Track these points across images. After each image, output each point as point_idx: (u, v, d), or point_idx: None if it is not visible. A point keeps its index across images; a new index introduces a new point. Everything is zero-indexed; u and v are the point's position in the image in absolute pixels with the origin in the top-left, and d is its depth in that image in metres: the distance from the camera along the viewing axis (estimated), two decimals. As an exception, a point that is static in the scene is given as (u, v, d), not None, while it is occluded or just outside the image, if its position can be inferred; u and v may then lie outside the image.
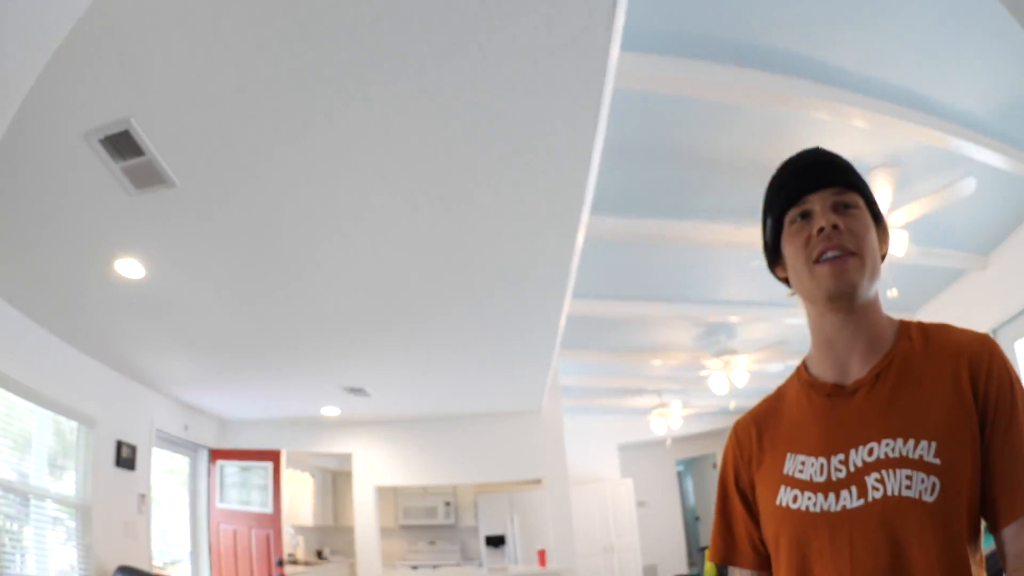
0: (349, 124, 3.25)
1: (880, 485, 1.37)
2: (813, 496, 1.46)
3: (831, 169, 1.60)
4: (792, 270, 1.60)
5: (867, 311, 1.55)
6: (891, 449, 1.39)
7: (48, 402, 6.18)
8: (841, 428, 1.50)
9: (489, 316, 5.80)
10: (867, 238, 1.52)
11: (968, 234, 7.34)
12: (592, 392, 12.59)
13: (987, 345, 1.46)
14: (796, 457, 1.55)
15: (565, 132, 3.35)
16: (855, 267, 1.48)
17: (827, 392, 1.56)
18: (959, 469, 1.35)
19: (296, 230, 4.25)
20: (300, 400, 8.92)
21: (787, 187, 1.61)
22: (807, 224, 1.54)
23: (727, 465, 1.77)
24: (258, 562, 9.10)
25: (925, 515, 1.33)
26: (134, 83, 2.97)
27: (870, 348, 1.54)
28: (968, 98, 5.03)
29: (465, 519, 13.47)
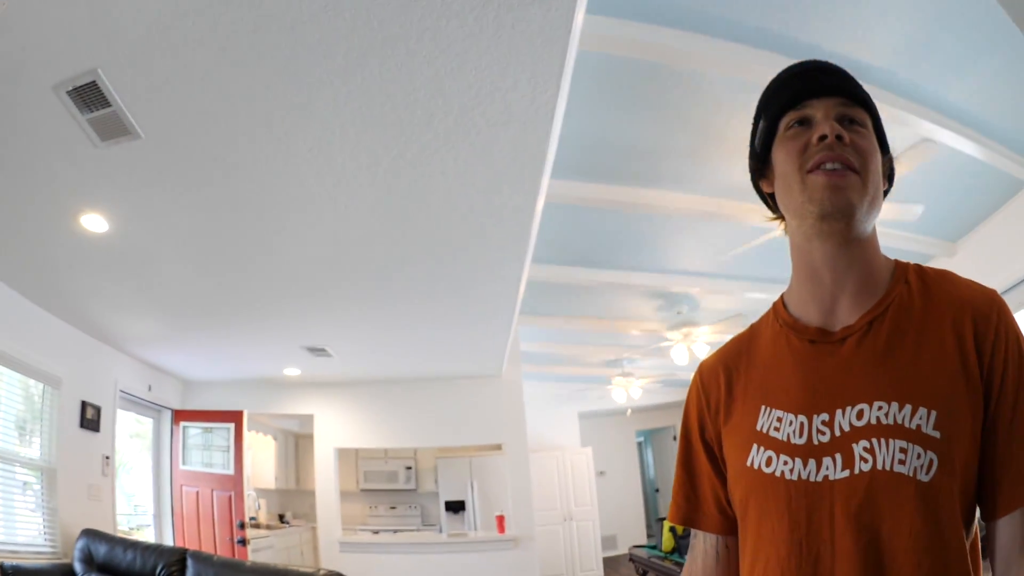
0: (310, 76, 3.27)
1: (869, 456, 1.22)
2: (790, 461, 1.30)
3: (840, 77, 1.41)
4: (781, 179, 1.41)
5: (863, 245, 1.37)
6: (884, 414, 1.23)
7: (12, 362, 6.17)
8: (826, 382, 1.33)
9: (450, 275, 5.81)
10: (872, 160, 1.35)
11: (937, 220, 7.33)
12: (553, 359, 12.62)
13: (995, 303, 1.29)
14: (772, 412, 1.38)
15: (527, 87, 3.36)
16: (855, 184, 1.30)
17: (810, 337, 1.39)
18: (959, 446, 1.20)
19: (258, 184, 4.26)
20: (263, 360, 8.91)
21: (788, 87, 1.43)
22: (806, 131, 1.36)
23: (691, 414, 1.58)
24: (220, 524, 9.11)
25: (918, 496, 1.18)
26: (102, 32, 2.98)
27: (862, 288, 1.37)
28: (941, 84, 5.04)
29: (425, 484, 13.52)
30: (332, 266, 5.59)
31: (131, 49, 3.09)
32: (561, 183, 5.51)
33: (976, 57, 4.77)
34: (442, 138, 3.78)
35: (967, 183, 6.59)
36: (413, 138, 3.77)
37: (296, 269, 5.66)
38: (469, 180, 4.22)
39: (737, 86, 4.91)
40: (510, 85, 3.36)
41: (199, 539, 9.05)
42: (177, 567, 6.00)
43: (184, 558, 6.07)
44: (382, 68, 3.21)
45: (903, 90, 5.01)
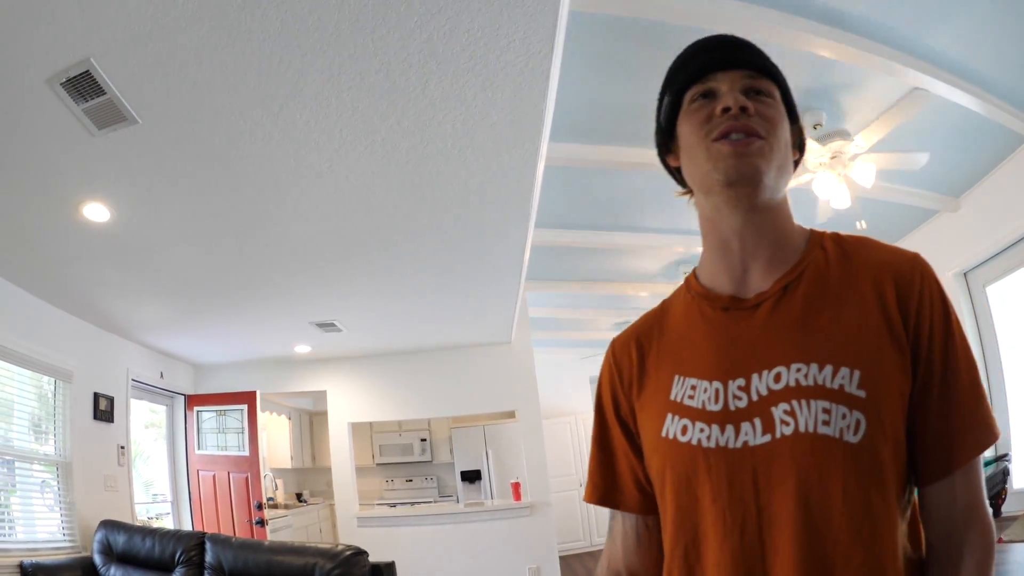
0: (302, 48, 3.25)
1: (790, 419, 1.19)
2: (706, 428, 1.27)
3: (746, 50, 1.41)
4: (686, 151, 1.39)
5: (773, 213, 1.36)
6: (803, 376, 1.20)
7: (22, 360, 6.20)
8: (741, 348, 1.30)
9: (454, 241, 5.80)
10: (779, 127, 1.34)
11: (940, 175, 7.30)
12: (562, 324, 12.60)
13: (917, 264, 1.29)
14: (685, 380, 1.35)
15: (520, 47, 3.35)
16: (761, 150, 1.29)
17: (723, 304, 1.37)
18: (887, 406, 1.18)
19: (256, 161, 4.24)
20: (272, 339, 8.92)
21: (693, 61, 1.41)
22: (710, 103, 1.35)
23: (603, 391, 1.56)
24: (238, 507, 9.15)
25: (848, 458, 1.15)
26: (92, 21, 2.97)
27: (775, 255, 1.36)
28: (942, 38, 5.00)
29: (441, 455, 13.61)
30: (335, 239, 5.58)
31: (122, 35, 3.08)
32: (562, 146, 5.48)
33: (977, 9, 4.74)
34: (438, 103, 3.76)
35: (968, 137, 6.56)
36: (409, 105, 3.75)
37: (300, 244, 5.65)
38: (468, 144, 4.20)
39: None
40: (504, 46, 3.34)
41: (218, 522, 9.11)
42: (196, 551, 6.03)
43: (203, 542, 6.09)
44: (374, 35, 3.19)
45: (902, 45, 4.99)
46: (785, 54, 4.99)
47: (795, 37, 4.65)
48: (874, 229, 7.89)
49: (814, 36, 4.64)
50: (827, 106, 5.80)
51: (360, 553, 5.35)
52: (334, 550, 5.37)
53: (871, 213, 7.49)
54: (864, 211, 7.10)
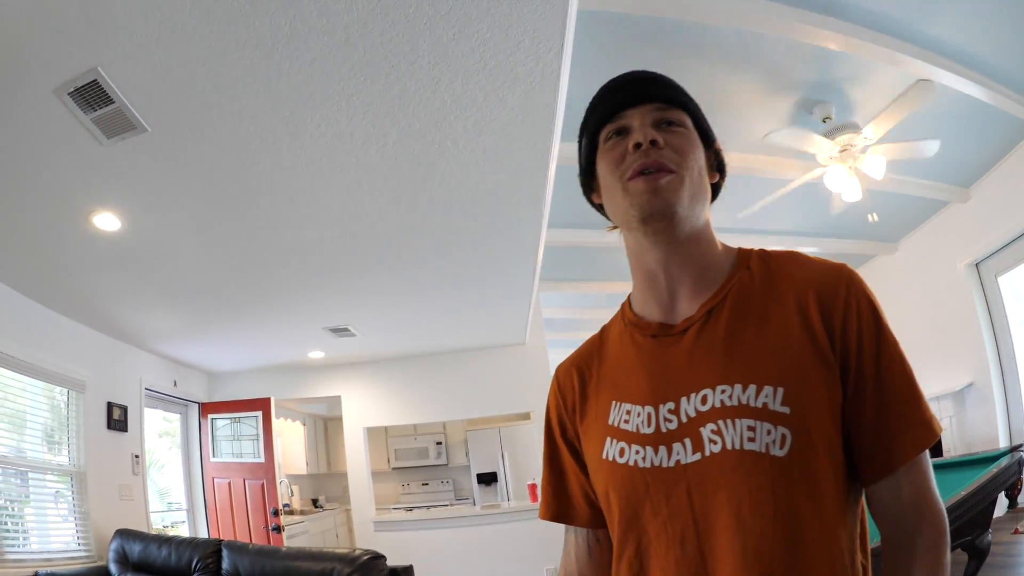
0: (312, 52, 3.24)
1: (717, 437, 1.25)
2: (641, 450, 1.34)
3: (654, 85, 1.45)
4: (605, 190, 1.46)
5: (695, 241, 1.41)
6: (728, 396, 1.26)
7: (35, 371, 6.22)
8: (669, 373, 1.36)
9: (467, 243, 5.78)
10: (691, 157, 1.38)
11: (950, 165, 7.29)
12: (576, 325, 12.57)
13: (842, 275, 1.32)
14: (621, 406, 1.42)
15: (530, 47, 3.33)
16: (672, 184, 1.33)
17: (652, 332, 1.43)
18: (813, 418, 1.23)
19: (265, 166, 4.24)
20: (286, 345, 8.92)
21: (604, 102, 1.46)
22: (623, 140, 1.40)
23: (551, 416, 1.64)
24: (253, 513, 9.16)
25: (776, 470, 1.20)
26: (99, 30, 2.97)
27: (700, 281, 1.41)
28: (952, 29, 4.99)
29: (456, 458, 13.61)
30: (348, 243, 5.56)
31: (129, 43, 3.08)
32: (573, 145, 5.46)
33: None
34: (449, 105, 3.74)
35: (977, 127, 6.55)
36: (420, 107, 3.74)
37: (312, 249, 5.63)
38: (479, 144, 4.19)
39: (739, 37, 4.87)
40: (513, 46, 3.33)
41: (234, 530, 9.11)
42: (213, 559, 6.02)
43: (219, 549, 6.08)
44: (383, 38, 3.18)
45: (911, 36, 4.98)
46: (793, 48, 4.98)
47: (801, 30, 4.65)
48: (885, 221, 7.90)
49: (820, 28, 4.64)
50: (836, 99, 5.79)
51: (378, 557, 5.34)
52: (352, 555, 5.35)
53: (882, 206, 7.49)
54: (875, 204, 7.08)
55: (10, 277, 5.75)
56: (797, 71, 5.40)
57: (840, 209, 6.90)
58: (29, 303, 6.19)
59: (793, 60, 5.24)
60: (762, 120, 5.98)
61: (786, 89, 5.64)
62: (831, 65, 5.35)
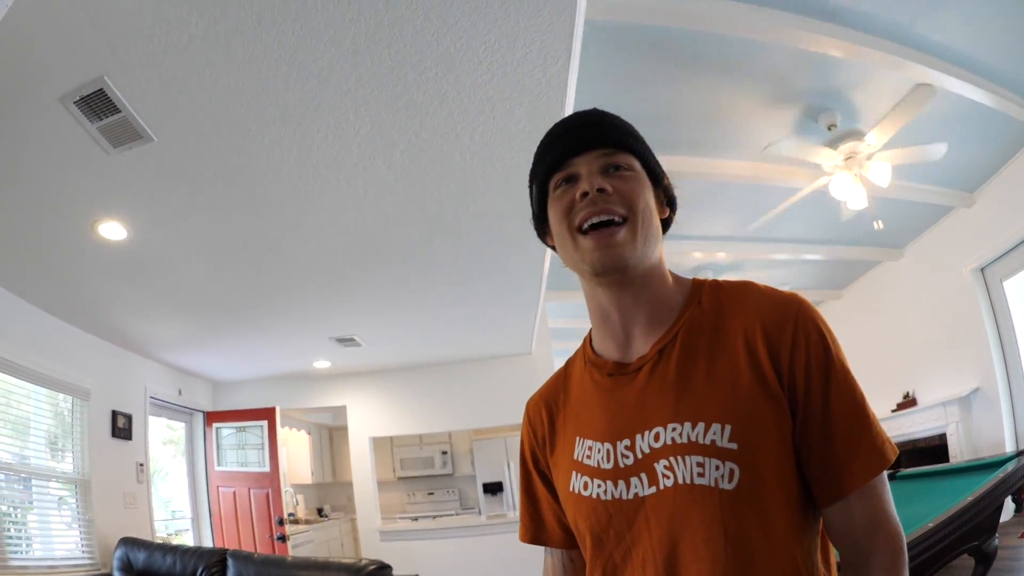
0: (319, 64, 3.24)
1: (670, 473, 1.30)
2: (603, 484, 1.40)
3: (600, 129, 1.46)
4: (556, 238, 1.48)
5: (646, 280, 1.44)
6: (678, 434, 1.31)
7: (40, 379, 6.21)
8: (625, 411, 1.41)
9: (473, 252, 5.77)
10: (639, 199, 1.40)
11: (954, 171, 7.31)
12: (581, 335, 12.56)
13: (789, 308, 1.35)
14: (584, 441, 1.47)
15: (537, 59, 3.33)
16: (624, 238, 1.37)
17: (608, 371, 1.48)
18: (761, 452, 1.27)
19: (273, 176, 4.24)
20: (291, 355, 8.92)
21: (551, 150, 1.48)
22: (572, 188, 1.42)
23: (524, 447, 1.72)
24: (259, 522, 9.15)
25: (725, 503, 1.25)
26: (105, 39, 2.97)
27: (652, 319, 1.45)
28: (954, 34, 5.01)
29: (462, 467, 13.58)
30: (354, 253, 5.56)
31: (136, 53, 3.08)
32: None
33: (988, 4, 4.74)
34: (456, 116, 3.75)
35: (981, 131, 6.56)
36: (427, 118, 3.74)
37: (319, 259, 5.63)
38: (486, 156, 4.19)
39: (744, 47, 4.88)
40: (520, 58, 3.33)
41: (238, 539, 9.10)
42: (218, 568, 6.00)
43: (224, 558, 6.06)
44: (391, 50, 3.18)
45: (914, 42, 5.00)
46: (797, 56, 5.00)
47: (804, 37, 4.67)
48: (891, 227, 7.90)
49: (823, 35, 4.66)
50: (841, 106, 5.80)
51: (384, 567, 5.32)
52: (358, 564, 5.33)
53: (887, 212, 7.50)
54: (880, 210, 7.08)
55: (16, 285, 5.76)
56: (802, 79, 5.41)
57: (849, 215, 6.90)
58: (35, 311, 6.20)
59: (797, 68, 5.25)
60: (768, 129, 5.99)
61: (791, 97, 5.64)
62: (835, 72, 5.36)
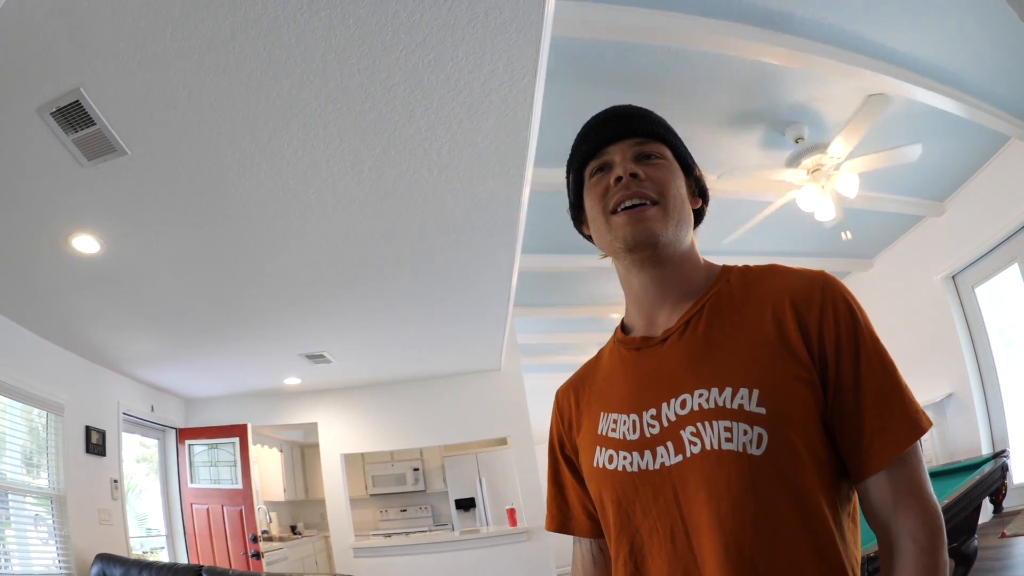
0: (290, 79, 3.30)
1: (697, 439, 1.29)
2: (628, 455, 1.40)
3: (633, 120, 1.52)
4: (592, 223, 1.53)
5: (678, 264, 1.48)
6: (705, 400, 1.31)
7: (13, 392, 6.19)
8: (650, 381, 1.43)
9: (442, 269, 5.82)
10: (671, 186, 1.45)
11: (923, 180, 7.41)
12: (550, 349, 12.57)
13: (817, 282, 1.36)
14: (609, 416, 1.48)
15: (504, 75, 3.40)
16: (655, 215, 1.41)
17: (636, 345, 1.50)
18: (790, 418, 1.26)
19: (243, 191, 4.27)
20: (262, 372, 8.92)
21: (587, 140, 1.54)
22: (606, 175, 1.48)
23: (552, 434, 1.73)
24: (232, 539, 9.11)
25: (754, 469, 1.24)
26: (82, 51, 3.02)
27: (682, 297, 1.47)
28: (921, 44, 5.08)
29: (434, 484, 13.56)
30: (324, 269, 5.60)
31: (112, 65, 3.12)
32: (547, 171, 5.49)
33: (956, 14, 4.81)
34: (424, 132, 3.80)
35: (950, 140, 6.64)
36: (395, 134, 3.80)
37: (289, 275, 5.66)
38: (454, 172, 4.25)
39: (711, 61, 4.93)
40: (487, 74, 3.39)
41: (213, 556, 9.06)
42: (193, 584, 6.01)
43: (199, 574, 6.07)
44: (360, 65, 3.24)
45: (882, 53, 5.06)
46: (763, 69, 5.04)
47: (764, 50, 4.71)
48: (861, 239, 7.97)
49: (782, 48, 4.70)
50: (808, 119, 5.85)
51: (356, 581, 5.35)
52: (330, 579, 5.37)
53: (857, 223, 7.56)
54: (850, 222, 7.14)
55: (-12, 298, 5.76)
56: (767, 93, 5.46)
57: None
58: (7, 323, 6.19)
59: (762, 82, 5.29)
60: (735, 143, 6.05)
61: (758, 111, 5.70)
62: (800, 85, 5.43)
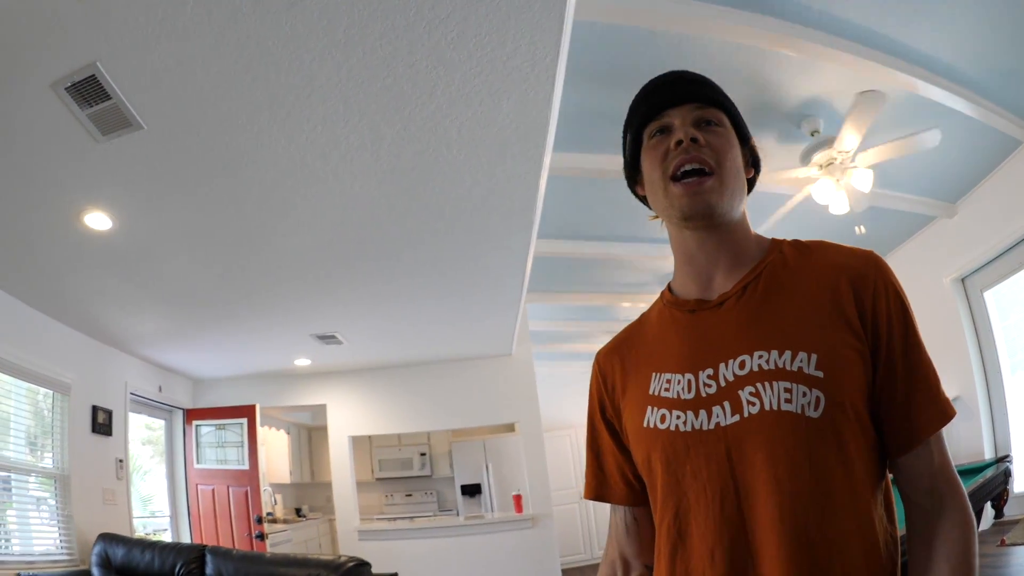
0: (311, 53, 3.25)
1: (756, 399, 1.31)
2: (682, 414, 1.40)
3: (695, 85, 1.52)
4: (649, 185, 1.54)
5: (731, 229, 1.49)
6: (765, 361, 1.33)
7: (20, 372, 6.19)
8: (707, 342, 1.44)
9: (457, 250, 5.79)
10: (728, 155, 1.46)
11: (936, 181, 7.37)
12: (562, 337, 12.55)
13: (871, 261, 1.40)
14: (661, 376, 1.49)
15: (526, 53, 3.36)
16: (712, 187, 1.42)
17: (690, 308, 1.51)
18: (844, 385, 1.29)
19: (260, 167, 4.23)
20: (272, 352, 8.91)
21: (647, 101, 1.54)
22: (666, 138, 1.48)
23: (592, 399, 1.72)
24: (237, 521, 9.12)
25: (811, 431, 1.27)
26: (99, 25, 2.97)
27: (735, 263, 1.49)
28: (938, 44, 5.05)
29: (441, 469, 13.58)
30: (339, 248, 5.56)
31: (130, 39, 3.08)
32: (564, 156, 5.46)
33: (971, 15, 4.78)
34: (444, 109, 3.76)
35: (964, 142, 6.59)
36: (416, 110, 3.75)
37: (303, 254, 5.63)
38: (473, 150, 4.20)
39: (728, 52, 4.91)
40: (510, 52, 3.35)
41: (217, 536, 9.08)
42: (196, 563, 6.00)
43: (203, 554, 6.06)
44: (382, 40, 3.19)
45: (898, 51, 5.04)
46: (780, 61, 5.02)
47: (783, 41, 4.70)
48: (872, 236, 7.92)
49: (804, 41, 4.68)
50: (823, 112, 5.83)
51: (363, 564, 5.33)
52: (336, 561, 5.34)
53: (869, 221, 7.53)
54: (862, 219, 7.12)
55: (-3, 277, 5.75)
56: (783, 85, 5.43)
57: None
58: (15, 303, 6.18)
59: (780, 73, 5.27)
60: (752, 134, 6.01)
61: (773, 103, 5.67)
62: (816, 78, 5.39)
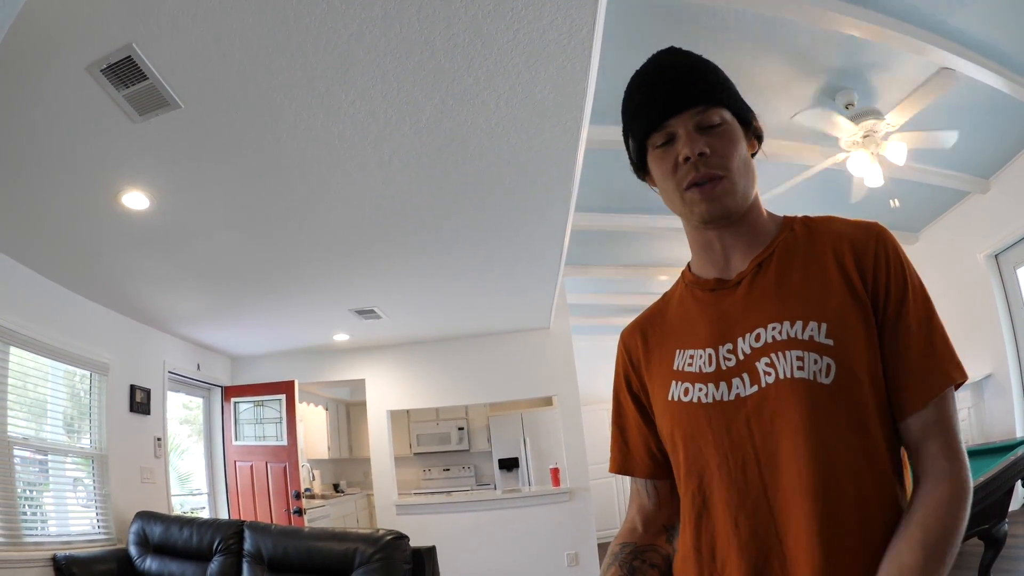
0: (349, 29, 3.24)
1: (771, 369, 1.40)
2: (704, 387, 1.49)
3: (693, 86, 1.53)
4: (663, 191, 1.58)
5: (746, 215, 1.56)
6: (778, 332, 1.42)
7: (59, 354, 6.26)
8: (727, 318, 1.53)
9: (495, 222, 5.76)
10: (735, 156, 1.50)
11: (970, 156, 7.30)
12: (600, 310, 12.52)
13: (872, 230, 1.47)
14: (684, 352, 1.58)
15: (563, 25, 3.33)
16: (725, 190, 1.48)
17: (710, 287, 1.59)
18: (854, 351, 1.37)
19: (299, 143, 4.23)
20: (311, 328, 8.93)
21: (646, 110, 1.55)
22: (672, 149, 1.51)
23: (618, 375, 1.82)
24: (275, 497, 9.21)
25: (825, 396, 1.34)
26: (134, 5, 2.97)
27: (751, 243, 1.57)
28: (972, 20, 5.01)
29: (478, 443, 13.63)
30: (377, 222, 5.55)
31: (166, 20, 3.08)
32: (601, 129, 5.44)
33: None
34: (483, 82, 3.74)
35: (998, 118, 6.56)
36: (454, 83, 3.74)
37: (342, 228, 5.62)
38: (511, 123, 4.18)
39: (765, 22, 4.89)
40: (547, 24, 3.33)
41: (255, 513, 9.18)
42: (234, 539, 6.02)
43: (242, 530, 6.09)
44: (420, 14, 3.18)
45: (932, 26, 5.00)
46: (817, 34, 5.00)
47: (827, 17, 4.67)
48: (906, 210, 7.88)
49: (845, 15, 4.66)
50: (858, 85, 5.80)
51: (401, 538, 5.36)
52: (375, 535, 5.37)
53: (903, 195, 7.49)
54: (895, 193, 7.08)
55: (36, 261, 5.80)
56: (821, 57, 5.42)
57: (860, 196, 6.88)
58: (54, 286, 6.25)
59: (817, 46, 5.25)
60: (785, 105, 5.99)
61: (809, 74, 5.65)
62: (854, 52, 5.37)
